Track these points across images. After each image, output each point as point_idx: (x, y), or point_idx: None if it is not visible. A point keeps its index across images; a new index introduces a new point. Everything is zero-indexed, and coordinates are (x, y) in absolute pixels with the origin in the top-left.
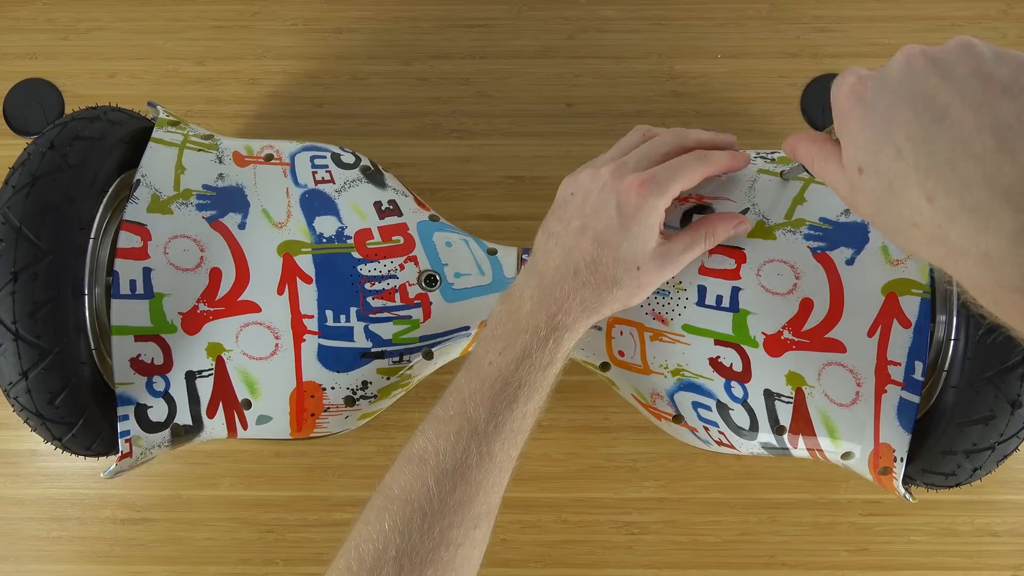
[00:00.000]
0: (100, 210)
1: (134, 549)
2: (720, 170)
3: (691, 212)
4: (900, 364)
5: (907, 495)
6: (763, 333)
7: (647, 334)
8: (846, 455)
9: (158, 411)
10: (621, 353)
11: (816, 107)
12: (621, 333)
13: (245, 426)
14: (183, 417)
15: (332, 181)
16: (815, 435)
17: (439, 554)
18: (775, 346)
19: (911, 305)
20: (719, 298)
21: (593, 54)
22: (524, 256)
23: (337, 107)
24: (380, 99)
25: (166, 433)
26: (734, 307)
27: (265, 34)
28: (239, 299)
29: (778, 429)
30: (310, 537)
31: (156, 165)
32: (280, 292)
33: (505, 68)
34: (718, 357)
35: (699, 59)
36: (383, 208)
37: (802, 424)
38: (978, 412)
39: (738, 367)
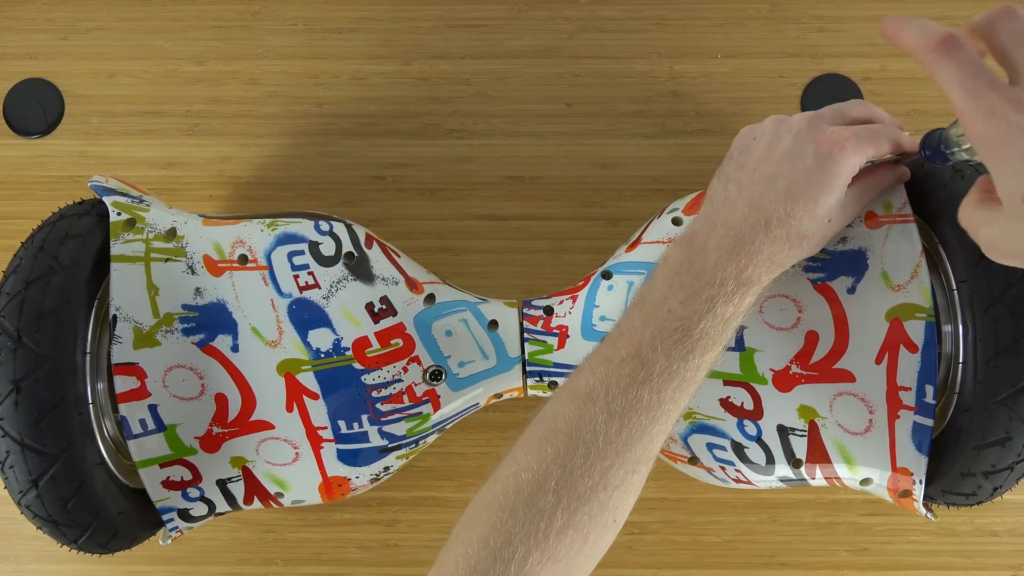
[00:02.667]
0: (96, 303)
1: (134, 549)
2: (901, 151)
3: None
4: (910, 389)
5: (929, 515)
6: (771, 369)
7: None
8: (864, 481)
9: (199, 509)
10: None
11: (816, 107)
12: None
13: (281, 507)
14: (223, 508)
15: (317, 286)
16: (832, 465)
17: (596, 494)
18: (784, 381)
19: (916, 329)
20: None
21: (593, 54)
22: (525, 311)
23: (337, 107)
24: (380, 99)
25: (210, 517)
26: (740, 346)
27: (265, 34)
28: (251, 420)
29: (795, 463)
30: (310, 537)
31: (127, 292)
32: (289, 410)
33: (505, 68)
34: (728, 397)
35: (699, 59)
36: (376, 310)
37: (818, 455)
38: (994, 435)
39: (749, 405)
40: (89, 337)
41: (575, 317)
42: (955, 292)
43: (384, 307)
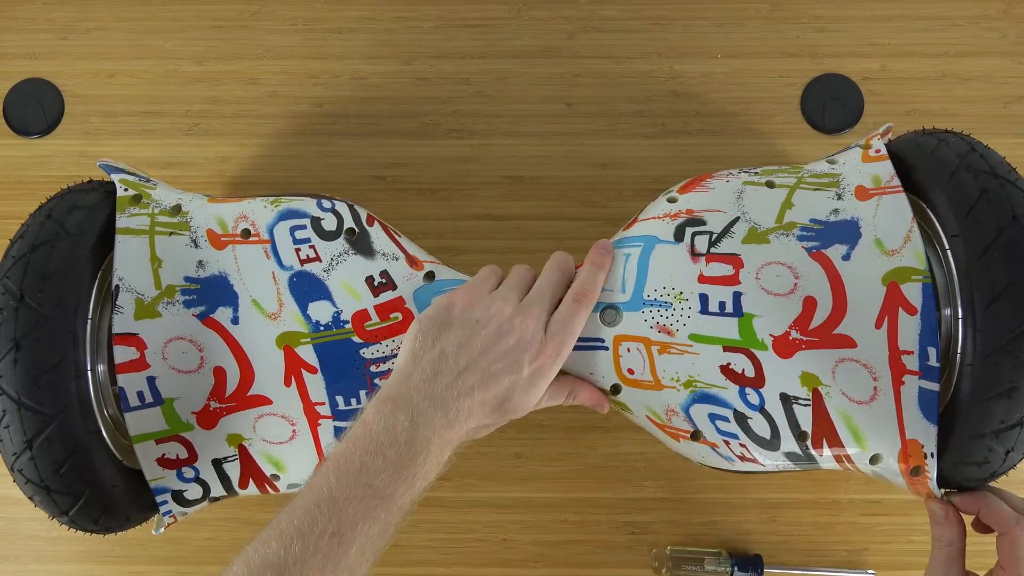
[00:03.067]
0: (99, 275)
1: (134, 549)
2: (593, 298)
3: (684, 226)
4: (913, 352)
5: (941, 493)
6: (771, 335)
7: (655, 348)
8: (874, 459)
9: (193, 492)
10: (631, 371)
11: (816, 107)
12: (628, 350)
13: (277, 491)
14: (217, 491)
15: (318, 259)
16: (839, 437)
17: None
18: (784, 347)
19: (914, 292)
20: (722, 304)
21: (593, 54)
22: None
23: (337, 107)
24: (380, 99)
25: (204, 503)
26: (738, 312)
27: (265, 34)
28: (248, 394)
29: (800, 435)
30: None
31: (130, 263)
32: (287, 384)
33: (505, 68)
34: (729, 364)
35: (699, 59)
36: (376, 284)
37: (824, 427)
38: (999, 386)
39: (750, 372)
40: (91, 306)
41: None
42: (948, 251)
43: (384, 281)
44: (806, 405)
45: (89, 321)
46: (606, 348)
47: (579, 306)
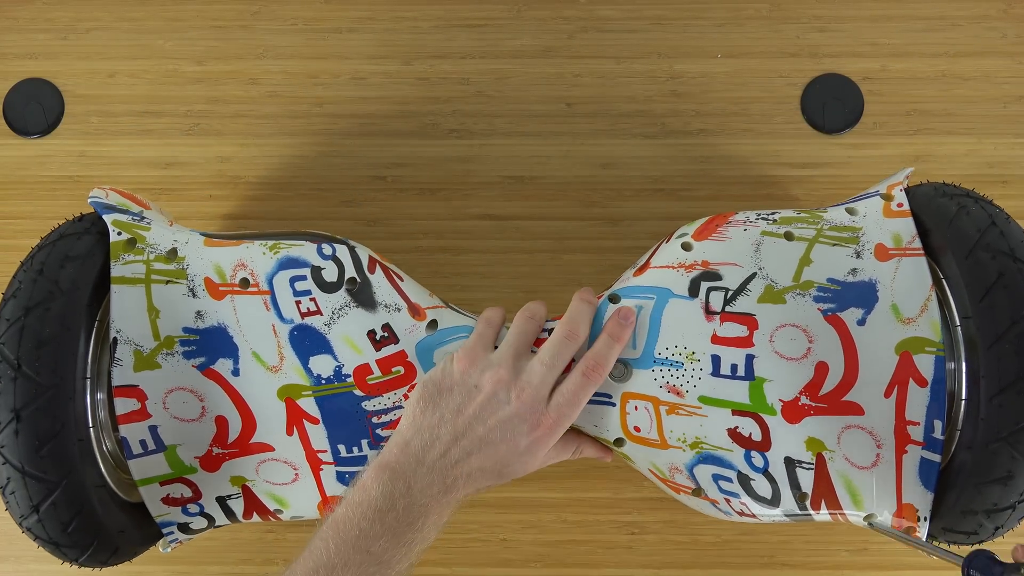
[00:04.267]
0: (95, 326)
1: None
2: (604, 373)
3: (699, 280)
4: (919, 424)
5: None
6: (780, 400)
7: (663, 408)
8: (869, 518)
9: (198, 523)
10: (637, 429)
11: (816, 107)
12: (636, 408)
13: (280, 521)
14: (222, 521)
15: (319, 312)
16: (837, 499)
17: None
18: (793, 412)
19: (926, 363)
20: (734, 367)
21: (593, 54)
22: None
23: (337, 107)
24: (380, 99)
25: (209, 530)
26: (749, 375)
27: (265, 34)
28: (251, 442)
29: (800, 496)
30: (310, 537)
31: (127, 314)
32: (290, 434)
33: (505, 68)
34: (737, 427)
35: (699, 59)
36: (378, 338)
37: (824, 489)
38: (996, 473)
39: (757, 436)
40: (89, 360)
41: None
42: (959, 328)
43: (386, 334)
44: (809, 469)
45: (88, 380)
46: (613, 404)
47: (587, 381)
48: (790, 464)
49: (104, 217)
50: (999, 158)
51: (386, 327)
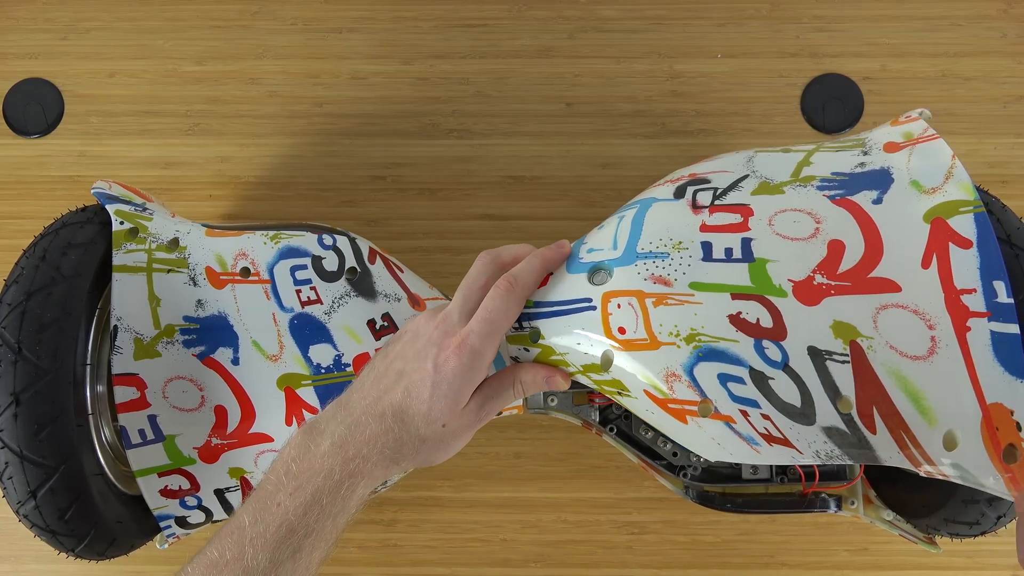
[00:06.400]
0: (96, 313)
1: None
2: (535, 278)
3: (685, 186)
4: (975, 290)
5: None
6: (790, 280)
7: (649, 300)
8: (948, 440)
9: (196, 517)
10: (622, 330)
11: (816, 107)
12: (619, 306)
13: None
14: (220, 515)
15: (320, 301)
16: (892, 403)
17: None
18: (808, 293)
19: (965, 224)
20: (728, 251)
21: (593, 54)
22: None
23: (337, 107)
24: (380, 99)
25: (207, 524)
26: (748, 257)
27: (265, 34)
28: (250, 432)
29: (841, 402)
30: None
31: (129, 302)
32: (288, 423)
33: (505, 68)
34: (739, 313)
35: (699, 59)
36: (378, 327)
37: (870, 390)
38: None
39: (767, 322)
40: (89, 347)
41: None
42: None
43: (386, 324)
44: (843, 362)
45: (88, 366)
46: (594, 308)
47: (498, 292)
48: (816, 355)
49: (107, 207)
50: (999, 158)
51: (386, 316)
